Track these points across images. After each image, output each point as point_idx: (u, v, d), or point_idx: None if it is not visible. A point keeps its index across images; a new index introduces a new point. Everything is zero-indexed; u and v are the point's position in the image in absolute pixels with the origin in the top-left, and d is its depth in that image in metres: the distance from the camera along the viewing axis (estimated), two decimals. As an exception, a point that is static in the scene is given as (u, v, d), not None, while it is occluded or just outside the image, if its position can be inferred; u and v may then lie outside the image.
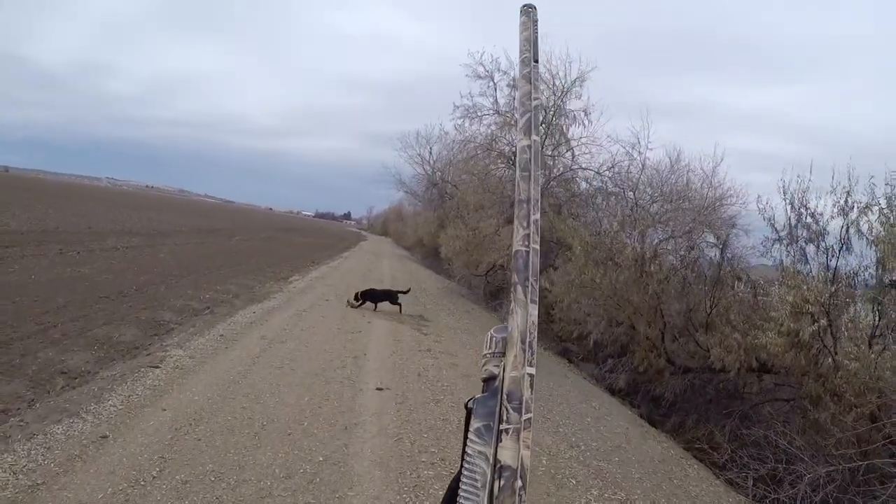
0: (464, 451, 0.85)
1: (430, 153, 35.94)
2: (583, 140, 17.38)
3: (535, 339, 0.86)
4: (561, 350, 15.12)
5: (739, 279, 11.66)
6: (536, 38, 1.06)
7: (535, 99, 1.00)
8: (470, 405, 0.87)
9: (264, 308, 11.61)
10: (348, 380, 7.34)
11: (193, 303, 11.14)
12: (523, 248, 0.88)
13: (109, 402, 5.47)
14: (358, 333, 10.29)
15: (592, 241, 14.26)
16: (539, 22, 1.09)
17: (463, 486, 0.82)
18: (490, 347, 0.89)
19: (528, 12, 1.08)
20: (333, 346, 9.02)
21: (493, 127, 19.00)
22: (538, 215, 0.91)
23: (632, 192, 18.30)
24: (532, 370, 0.85)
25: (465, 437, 0.86)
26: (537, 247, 0.89)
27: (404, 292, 14.26)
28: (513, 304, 0.87)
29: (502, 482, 0.78)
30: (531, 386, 0.84)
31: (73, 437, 4.68)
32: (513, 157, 18.45)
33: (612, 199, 17.84)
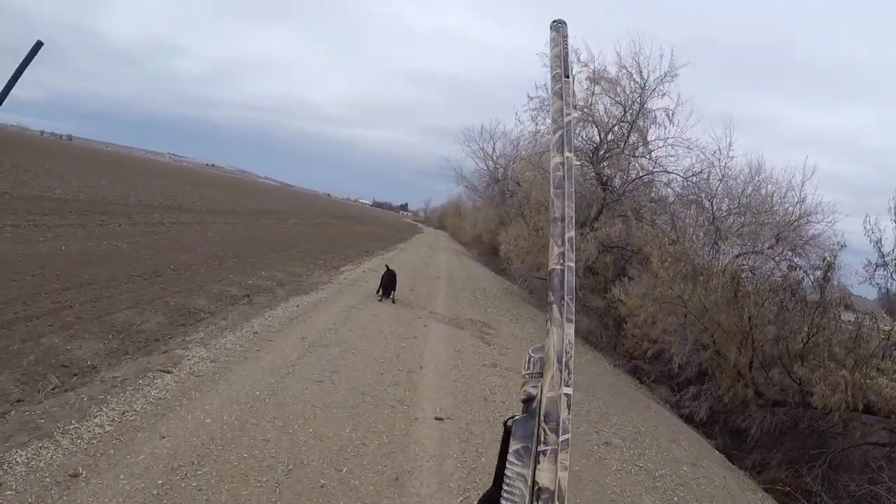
0: (498, 471, 0.89)
1: (494, 149, 35.28)
2: (669, 141, 15.57)
3: (572, 359, 0.86)
4: (631, 368, 13.49)
5: (848, 307, 9.88)
6: (567, 53, 1.09)
7: (568, 115, 1.02)
8: (509, 424, 0.89)
9: (309, 301, 10.38)
10: (401, 403, 5.96)
11: (233, 289, 10.04)
12: (558, 267, 0.90)
13: (96, 420, 4.24)
14: (413, 339, 8.93)
15: (675, 253, 12.60)
16: (569, 37, 1.11)
17: None
18: (528, 368, 0.90)
19: (559, 28, 1.11)
20: (385, 355, 7.67)
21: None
22: (573, 232, 0.93)
23: (709, 202, 16.50)
24: (569, 390, 0.85)
25: (501, 457, 0.89)
26: (573, 264, 0.91)
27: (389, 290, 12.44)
28: (549, 322, 0.88)
29: None
30: (568, 406, 0.84)
31: (36, 473, 3.46)
32: (590, 153, 16.85)
33: (693, 208, 16.06)
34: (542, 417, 0.84)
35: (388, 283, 12.27)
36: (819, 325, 9.48)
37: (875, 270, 10.03)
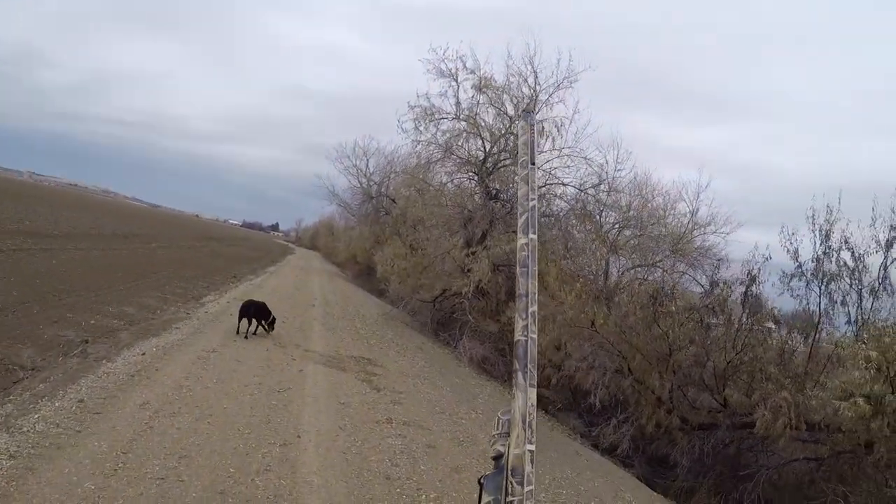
0: None
1: (368, 165, 34.32)
2: (566, 151, 14.95)
3: (535, 419, 0.97)
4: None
5: (777, 322, 9.56)
6: (534, 142, 1.18)
7: (532, 200, 1.12)
8: (482, 481, 1.00)
9: (160, 346, 8.59)
10: (278, 501, 4.50)
11: (70, 332, 8.16)
12: (523, 338, 1.00)
13: None
14: (287, 392, 7.40)
15: (569, 271, 11.95)
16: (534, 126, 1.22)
17: None
18: (498, 428, 1.02)
19: (527, 117, 1.21)
20: (252, 420, 6.12)
21: (448, 135, 16.43)
22: (535, 307, 1.03)
23: (598, 216, 16.24)
24: (532, 447, 0.95)
25: None
26: (535, 336, 1.01)
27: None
28: (514, 388, 0.98)
29: None
30: (532, 461, 0.94)
31: None
32: (477, 166, 16.00)
33: (585, 222, 15.65)
34: (509, 472, 0.93)
35: (256, 314, 10.81)
36: (746, 342, 9.00)
37: (790, 280, 9.79)
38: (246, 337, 10.41)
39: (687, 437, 9.76)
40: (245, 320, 10.62)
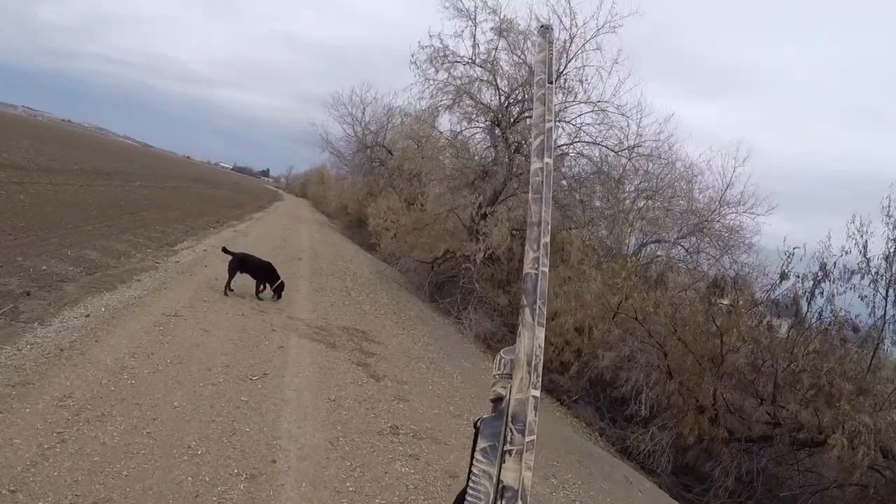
0: (470, 470, 0.87)
1: (364, 113, 32.61)
2: (603, 105, 13.04)
3: (541, 363, 0.88)
4: (546, 382, 11.13)
5: (857, 330, 7.99)
6: (552, 59, 1.07)
7: (549, 121, 1.01)
8: (478, 425, 0.89)
9: (111, 305, 6.95)
10: None
11: (13, 281, 6.71)
12: (532, 271, 0.92)
13: None
14: (260, 381, 5.72)
15: (593, 245, 10.37)
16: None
17: None
18: (499, 368, 0.92)
19: (545, 33, 1.08)
20: (210, 431, 4.43)
21: (461, 80, 14.51)
22: (548, 238, 0.95)
23: (624, 183, 14.53)
24: (537, 393, 0.86)
25: (471, 456, 0.88)
26: (546, 270, 0.92)
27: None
28: (521, 326, 0.90)
29: (504, 502, 0.80)
30: (535, 408, 0.85)
31: None
32: (497, 114, 14.15)
33: (613, 185, 13.96)
34: (509, 418, 0.86)
35: (264, 276, 9.37)
36: (817, 350, 7.41)
37: (850, 278, 8.16)
38: (226, 294, 8.95)
39: (729, 451, 8.32)
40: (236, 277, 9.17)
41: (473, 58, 14.24)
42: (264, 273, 9.36)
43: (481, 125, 14.45)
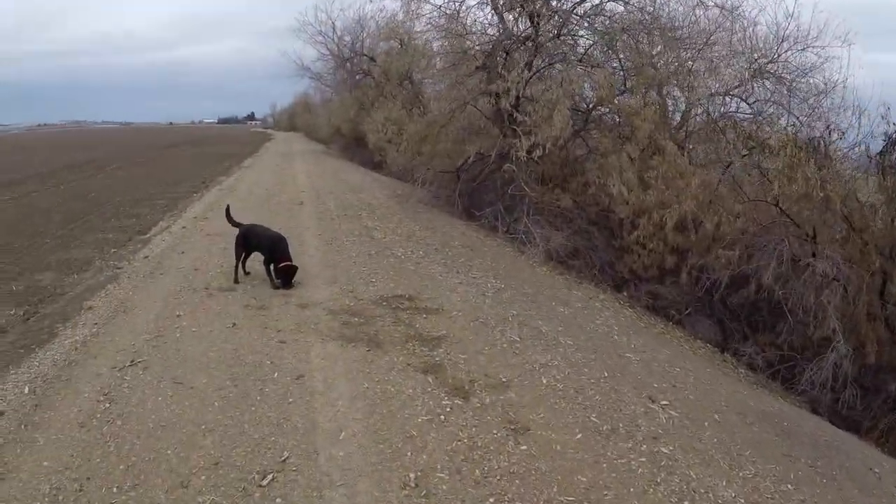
0: None
1: (334, 28, 29.81)
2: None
3: None
4: (641, 296, 8.59)
5: None
6: None
7: None
8: None
9: (46, 373, 4.49)
10: None
11: None
12: None
13: None
14: (276, 480, 3.15)
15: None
16: None
17: None
18: None
19: None
20: None
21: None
22: None
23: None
24: None
25: None
26: None
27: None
28: None
29: None
30: None
31: None
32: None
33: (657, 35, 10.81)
34: None
35: (270, 252, 6.73)
36: None
37: None
38: (236, 282, 6.79)
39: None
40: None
41: None
42: (269, 250, 6.68)
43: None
